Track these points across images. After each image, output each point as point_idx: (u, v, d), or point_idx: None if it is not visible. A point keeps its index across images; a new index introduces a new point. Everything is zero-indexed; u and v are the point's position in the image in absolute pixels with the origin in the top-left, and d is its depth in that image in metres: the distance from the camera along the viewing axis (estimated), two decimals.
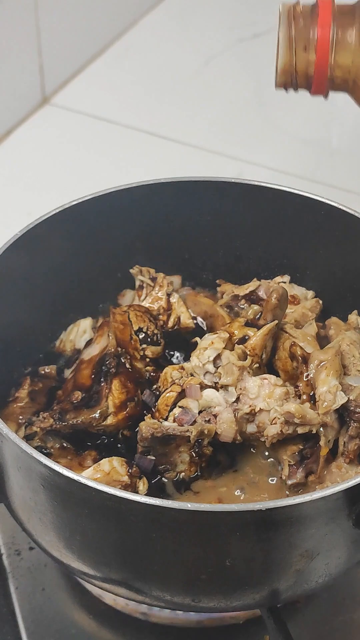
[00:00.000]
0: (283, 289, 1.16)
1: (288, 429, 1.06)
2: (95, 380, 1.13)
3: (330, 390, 1.06)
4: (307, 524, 0.93)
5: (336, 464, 1.07)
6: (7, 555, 1.23)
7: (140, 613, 1.18)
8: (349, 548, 0.99)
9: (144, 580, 0.98)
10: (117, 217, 1.27)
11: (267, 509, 0.89)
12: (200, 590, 0.98)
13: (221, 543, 0.93)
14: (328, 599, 1.20)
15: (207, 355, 1.10)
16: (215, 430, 1.08)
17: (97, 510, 0.94)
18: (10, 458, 0.99)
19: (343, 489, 0.91)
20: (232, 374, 1.09)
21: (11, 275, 1.16)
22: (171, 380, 1.12)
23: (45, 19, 1.84)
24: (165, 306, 1.27)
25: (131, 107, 1.94)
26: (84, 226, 1.25)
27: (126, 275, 1.31)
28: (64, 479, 0.92)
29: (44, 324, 1.27)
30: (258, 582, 0.98)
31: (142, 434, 1.07)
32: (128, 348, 1.16)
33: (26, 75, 1.88)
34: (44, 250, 1.21)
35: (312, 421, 1.06)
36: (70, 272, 1.27)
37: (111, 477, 1.05)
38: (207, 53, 2.09)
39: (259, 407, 1.08)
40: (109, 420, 1.10)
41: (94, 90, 1.99)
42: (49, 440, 1.11)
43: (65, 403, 1.13)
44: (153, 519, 0.91)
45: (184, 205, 1.30)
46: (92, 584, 1.07)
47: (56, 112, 1.94)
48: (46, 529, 1.01)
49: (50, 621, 1.18)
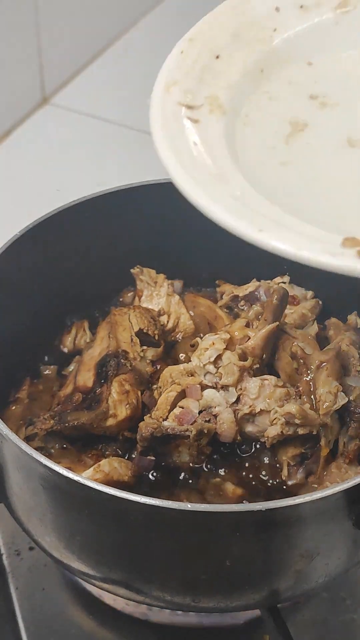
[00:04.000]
0: (284, 289, 1.16)
1: (288, 430, 1.06)
2: (96, 382, 1.13)
3: (331, 390, 1.06)
4: (307, 524, 0.93)
5: (336, 464, 1.07)
6: (7, 555, 1.23)
7: (140, 613, 1.18)
8: (348, 548, 0.99)
9: (144, 580, 0.98)
10: (117, 217, 1.26)
11: (267, 509, 0.89)
12: (200, 590, 0.98)
13: (221, 543, 0.93)
14: (328, 599, 1.20)
15: (207, 356, 1.10)
16: (215, 430, 1.08)
17: (97, 511, 0.94)
18: (11, 458, 0.99)
19: (343, 489, 0.92)
20: (233, 374, 1.09)
21: (11, 275, 1.16)
22: (171, 381, 1.12)
23: (45, 19, 1.84)
24: (165, 307, 1.27)
25: (131, 107, 1.94)
26: (84, 226, 1.24)
27: (127, 276, 1.31)
28: (64, 480, 0.92)
29: (44, 325, 1.26)
30: (258, 582, 0.98)
31: (142, 434, 1.07)
32: (128, 349, 1.16)
33: (26, 75, 1.88)
34: (44, 250, 1.21)
35: (313, 422, 1.06)
36: (70, 272, 1.27)
37: (111, 477, 1.05)
38: None
39: (259, 408, 1.08)
40: (110, 421, 1.10)
41: (94, 90, 1.99)
42: (50, 441, 1.11)
43: (66, 404, 1.12)
44: (153, 519, 0.91)
45: (183, 205, 1.29)
46: (92, 584, 1.07)
47: (56, 112, 1.94)
48: (46, 529, 1.01)
49: (50, 621, 1.18)
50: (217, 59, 0.96)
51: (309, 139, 0.95)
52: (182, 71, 0.94)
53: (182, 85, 0.93)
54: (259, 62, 0.98)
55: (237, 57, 0.97)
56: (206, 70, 0.95)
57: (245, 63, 0.98)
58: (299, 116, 0.96)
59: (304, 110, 0.97)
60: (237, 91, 0.96)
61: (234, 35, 0.98)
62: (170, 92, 0.93)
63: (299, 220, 0.83)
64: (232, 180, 0.87)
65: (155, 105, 0.92)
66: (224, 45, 0.97)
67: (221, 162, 0.89)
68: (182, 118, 0.91)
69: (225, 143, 0.91)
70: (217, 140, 0.91)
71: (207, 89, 0.94)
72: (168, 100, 0.92)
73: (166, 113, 0.91)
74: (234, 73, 0.97)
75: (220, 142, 0.91)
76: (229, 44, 0.97)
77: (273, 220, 0.81)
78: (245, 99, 0.96)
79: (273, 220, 0.81)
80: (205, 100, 0.94)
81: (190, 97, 0.93)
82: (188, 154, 0.88)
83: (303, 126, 0.95)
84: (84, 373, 1.15)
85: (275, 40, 0.99)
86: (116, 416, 1.10)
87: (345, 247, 0.78)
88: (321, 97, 0.98)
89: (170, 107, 0.92)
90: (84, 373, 1.15)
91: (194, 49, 0.96)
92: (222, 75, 0.96)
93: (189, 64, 0.95)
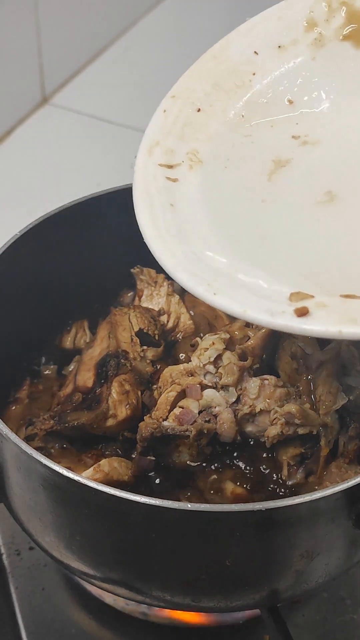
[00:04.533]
0: None
1: (288, 430, 1.06)
2: (96, 382, 1.13)
3: (331, 390, 1.06)
4: (307, 524, 0.93)
5: (336, 464, 1.07)
6: (7, 555, 1.23)
7: (140, 613, 1.18)
8: (349, 548, 0.99)
9: (144, 580, 0.98)
10: (117, 217, 1.26)
11: (267, 509, 0.89)
12: (200, 590, 0.98)
13: (221, 543, 0.93)
14: (328, 599, 1.20)
15: (207, 356, 1.10)
16: (215, 430, 1.08)
17: (97, 510, 0.94)
18: (10, 458, 0.99)
19: (343, 489, 0.92)
20: (233, 374, 1.09)
21: (11, 275, 1.16)
22: (171, 381, 1.12)
23: (45, 19, 1.84)
24: (165, 307, 1.27)
25: (131, 107, 1.94)
26: (84, 226, 1.25)
27: (127, 276, 1.31)
28: (64, 479, 0.92)
29: (44, 325, 1.26)
30: (258, 582, 0.98)
31: (142, 434, 1.07)
32: (128, 349, 1.16)
33: (26, 75, 1.89)
34: (44, 250, 1.21)
35: (313, 422, 1.06)
36: (70, 272, 1.27)
37: (111, 477, 1.05)
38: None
39: (259, 408, 1.08)
40: (110, 421, 1.10)
41: (94, 90, 1.99)
42: (50, 441, 1.11)
43: (66, 404, 1.12)
44: (153, 519, 0.91)
45: None
46: (92, 584, 1.07)
47: (56, 112, 1.94)
48: (46, 529, 1.01)
49: (50, 621, 1.18)
50: (198, 112, 1.00)
51: (291, 176, 0.98)
52: (164, 131, 0.99)
53: (163, 145, 0.98)
54: (240, 108, 1.01)
55: (218, 107, 1.01)
56: (187, 125, 0.99)
57: (225, 112, 1.01)
58: (282, 155, 0.98)
59: (286, 149, 1.00)
60: (218, 140, 1.00)
61: (214, 85, 1.01)
62: (152, 154, 0.98)
63: (256, 271, 0.88)
64: (198, 238, 0.92)
65: (138, 169, 0.97)
66: (204, 97, 1.00)
67: (193, 220, 0.94)
68: (161, 179, 0.96)
69: (202, 197, 0.96)
70: (193, 196, 0.96)
71: (188, 145, 0.99)
72: (149, 162, 0.97)
73: (147, 175, 0.96)
74: (215, 123, 1.00)
75: (196, 197, 0.96)
76: (210, 95, 1.01)
77: (229, 278, 0.88)
78: (227, 144, 1.00)
79: (230, 277, 0.89)
80: (186, 157, 0.98)
81: (170, 157, 0.97)
82: (163, 216, 0.94)
83: (286, 162, 0.97)
84: (83, 373, 1.15)
85: (255, 85, 1.02)
86: (116, 416, 1.10)
87: (291, 302, 0.84)
88: (303, 136, 1.01)
89: (151, 169, 0.97)
90: (84, 373, 1.15)
91: (175, 106, 1.00)
92: (203, 128, 1.00)
93: (170, 122, 0.99)
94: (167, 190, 0.96)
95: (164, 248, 0.92)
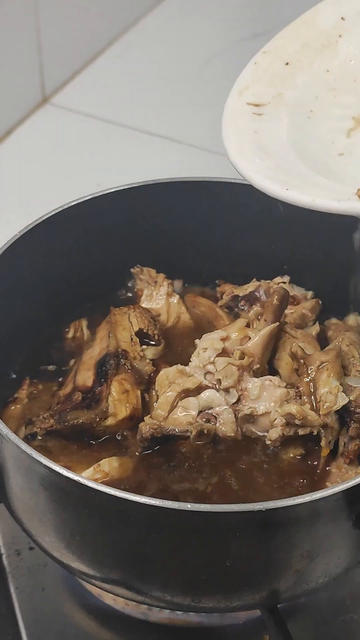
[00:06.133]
0: (284, 289, 1.16)
1: (289, 431, 1.06)
2: (96, 381, 1.13)
3: (332, 391, 1.06)
4: (307, 524, 0.93)
5: (336, 464, 1.07)
6: (7, 555, 1.23)
7: (140, 613, 1.18)
8: (349, 548, 0.99)
9: (144, 580, 0.98)
10: (117, 217, 1.27)
11: (267, 509, 0.89)
12: (200, 590, 0.98)
13: (221, 543, 0.93)
14: (328, 599, 1.20)
15: (207, 356, 1.10)
16: (216, 430, 1.08)
17: (97, 510, 0.94)
18: (10, 458, 0.99)
19: (343, 489, 0.91)
20: (233, 375, 1.09)
21: (11, 275, 1.16)
22: (168, 382, 1.12)
23: (45, 19, 1.84)
24: (165, 307, 1.27)
25: (131, 107, 1.94)
26: (84, 226, 1.25)
27: (127, 275, 1.31)
28: (63, 479, 0.92)
29: (44, 324, 1.26)
30: (258, 582, 0.98)
31: (142, 434, 1.07)
32: (128, 349, 1.16)
33: (26, 75, 1.88)
34: (44, 250, 1.21)
35: (313, 422, 1.06)
36: (70, 272, 1.27)
37: (111, 477, 1.05)
38: (207, 53, 2.09)
39: (259, 408, 1.08)
40: (109, 420, 1.10)
41: (94, 90, 1.99)
42: (49, 441, 1.11)
43: (66, 403, 1.12)
44: (153, 519, 0.91)
45: (183, 205, 1.30)
46: (92, 584, 1.07)
47: (56, 112, 1.94)
48: (46, 529, 1.01)
49: (50, 621, 1.18)
50: (286, 65, 1.08)
51: None
52: (254, 78, 1.07)
53: (253, 89, 1.06)
54: (326, 64, 1.08)
55: (305, 62, 1.08)
56: (276, 75, 1.07)
57: (312, 65, 1.08)
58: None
59: None
60: (304, 90, 1.07)
61: (303, 45, 1.09)
62: (242, 96, 1.06)
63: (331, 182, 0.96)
64: (280, 157, 1.00)
65: (227, 106, 1.05)
66: (293, 53, 1.08)
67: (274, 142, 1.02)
68: (248, 113, 1.05)
69: (284, 134, 1.03)
70: (276, 129, 1.03)
71: (275, 90, 1.06)
72: (239, 102, 1.06)
73: (235, 110, 1.05)
74: (302, 75, 1.08)
75: (279, 130, 1.03)
76: (298, 52, 1.09)
77: (304, 180, 0.95)
78: (312, 94, 1.07)
79: (305, 179, 0.96)
80: (272, 99, 1.06)
81: (258, 98, 1.05)
82: (247, 137, 1.02)
83: None
84: (83, 372, 1.15)
85: (341, 44, 1.09)
86: (116, 415, 1.10)
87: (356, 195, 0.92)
88: None
89: (240, 106, 1.05)
90: (84, 372, 1.15)
91: (266, 60, 1.08)
92: (290, 78, 1.08)
93: (261, 72, 1.08)
94: (254, 121, 1.04)
95: (242, 157, 0.99)
